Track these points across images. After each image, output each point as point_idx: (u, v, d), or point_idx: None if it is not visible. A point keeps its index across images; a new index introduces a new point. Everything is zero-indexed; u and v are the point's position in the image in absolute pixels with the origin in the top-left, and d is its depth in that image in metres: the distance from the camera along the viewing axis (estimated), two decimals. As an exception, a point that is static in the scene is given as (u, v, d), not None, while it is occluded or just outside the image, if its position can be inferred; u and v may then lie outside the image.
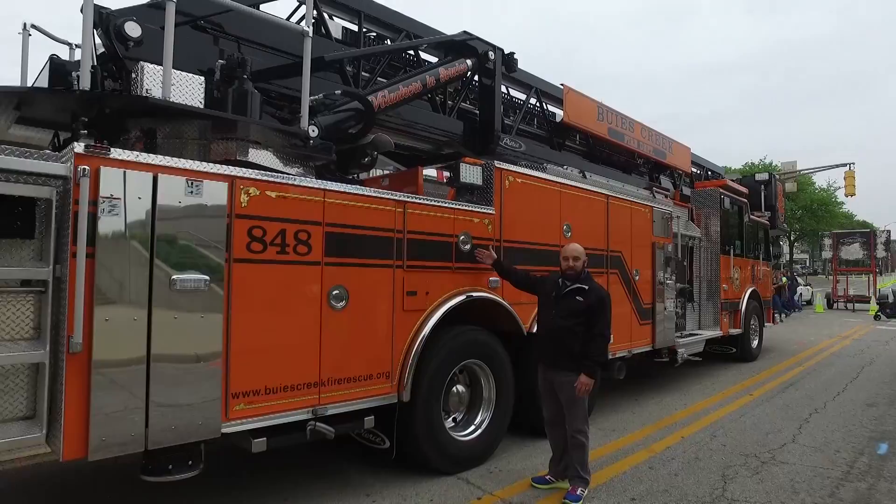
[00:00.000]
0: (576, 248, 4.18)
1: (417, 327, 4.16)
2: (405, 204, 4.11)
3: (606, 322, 3.90)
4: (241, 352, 3.23)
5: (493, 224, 4.75)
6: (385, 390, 3.96)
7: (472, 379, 4.78)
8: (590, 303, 3.90)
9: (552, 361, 4.03)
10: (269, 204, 3.39)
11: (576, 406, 3.93)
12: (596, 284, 4.08)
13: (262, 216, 3.36)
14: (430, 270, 4.27)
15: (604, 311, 3.89)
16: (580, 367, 3.84)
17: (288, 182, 3.50)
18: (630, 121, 7.69)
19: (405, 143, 5.57)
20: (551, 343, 4.03)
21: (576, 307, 3.92)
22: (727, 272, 9.40)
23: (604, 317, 3.88)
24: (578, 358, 3.86)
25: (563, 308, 3.98)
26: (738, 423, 5.94)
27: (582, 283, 4.00)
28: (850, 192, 24.34)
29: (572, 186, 5.68)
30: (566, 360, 3.91)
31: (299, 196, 3.54)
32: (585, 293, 3.95)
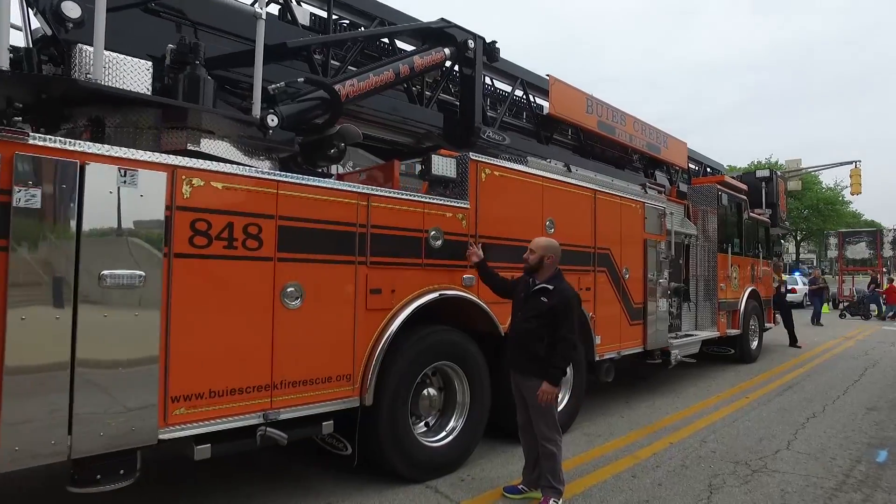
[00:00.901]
0: (536, 240, 3.88)
1: (382, 327, 3.93)
2: (369, 197, 3.88)
3: (571, 325, 3.57)
4: (182, 352, 3.02)
5: (467, 219, 4.52)
6: (346, 394, 3.73)
7: (445, 382, 4.55)
8: (552, 304, 3.60)
9: (518, 366, 3.78)
10: (215, 195, 3.18)
11: (543, 413, 3.66)
12: (563, 284, 3.72)
13: (207, 208, 3.14)
14: (397, 267, 4.04)
15: (568, 312, 3.58)
16: (545, 373, 3.57)
17: (236, 172, 3.28)
18: (621, 114, 7.44)
19: (381, 135, 5.35)
20: (517, 347, 3.78)
21: (540, 308, 3.64)
22: (725, 271, 9.13)
23: (568, 319, 3.56)
24: (542, 362, 3.59)
25: (529, 309, 3.72)
26: (732, 428, 5.68)
27: (547, 283, 3.71)
28: (856, 190, 23.92)
29: (555, 180, 5.43)
30: (531, 365, 3.65)
31: (249, 187, 3.32)
32: (549, 293, 3.65)
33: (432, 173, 4.42)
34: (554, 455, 3.66)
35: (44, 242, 2.59)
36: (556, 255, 3.82)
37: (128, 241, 2.83)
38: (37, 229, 2.57)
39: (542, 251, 3.79)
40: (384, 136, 5.32)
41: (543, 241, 3.86)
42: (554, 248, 3.83)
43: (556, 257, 3.80)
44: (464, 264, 4.48)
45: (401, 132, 5.36)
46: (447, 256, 4.35)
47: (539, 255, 3.78)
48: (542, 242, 3.85)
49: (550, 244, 3.85)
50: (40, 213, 2.58)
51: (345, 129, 4.36)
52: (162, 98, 3.31)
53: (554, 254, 3.80)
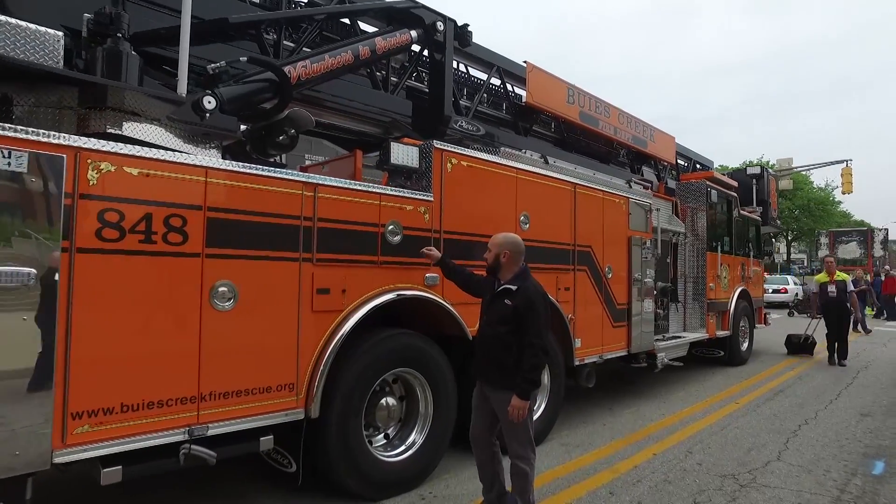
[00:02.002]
0: (495, 236, 3.49)
1: (331, 331, 3.55)
2: (315, 187, 3.50)
3: (537, 328, 3.14)
4: (87, 362, 2.63)
5: (430, 213, 4.15)
6: (288, 405, 3.35)
7: (407, 390, 4.18)
8: (516, 305, 3.19)
9: (485, 376, 3.37)
10: (128, 183, 2.79)
11: (515, 429, 3.24)
12: (528, 283, 3.30)
13: (119, 197, 2.76)
14: (349, 265, 3.66)
15: (533, 314, 3.15)
16: (515, 385, 3.16)
17: (155, 157, 2.89)
18: (606, 105, 7.09)
19: (342, 124, 4.97)
20: (483, 354, 3.37)
21: (504, 311, 3.23)
22: (714, 270, 8.80)
23: (534, 322, 3.14)
24: (511, 373, 3.19)
25: (493, 313, 3.32)
26: (719, 437, 5.33)
27: (510, 283, 3.31)
28: (847, 189, 23.74)
29: (531, 172, 5.07)
30: (499, 375, 3.24)
31: (171, 174, 2.94)
32: (513, 294, 3.24)
33: (391, 163, 4.05)
34: (526, 475, 3.24)
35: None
36: (514, 250, 3.39)
37: (15, 234, 2.44)
38: None
39: (497, 248, 3.39)
40: (345, 124, 4.92)
41: (500, 237, 3.46)
42: (511, 244, 3.41)
43: (513, 253, 3.38)
44: (426, 262, 4.10)
45: (364, 121, 4.97)
46: (407, 253, 3.98)
47: (494, 252, 3.40)
48: (498, 239, 3.45)
49: (507, 239, 3.44)
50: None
51: (295, 114, 3.98)
52: (66, 71, 2.92)
53: (511, 249, 3.38)
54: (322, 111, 4.68)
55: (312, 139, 6.25)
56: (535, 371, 3.14)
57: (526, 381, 3.12)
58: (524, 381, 3.12)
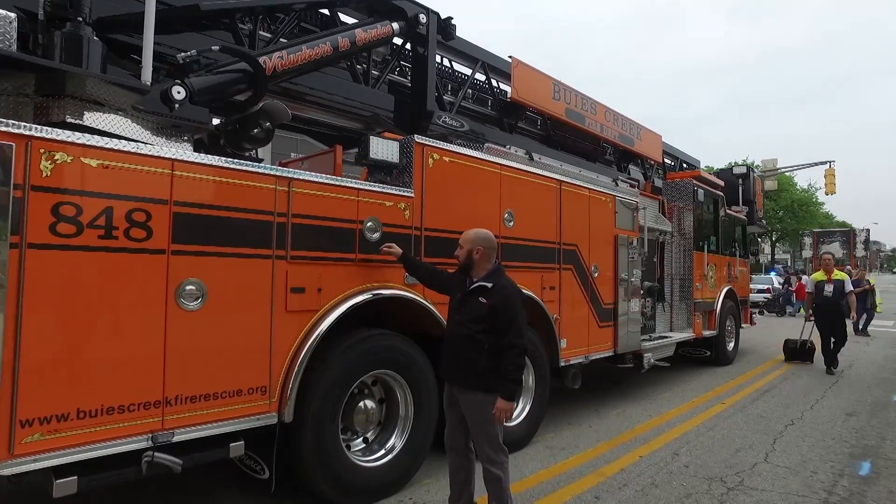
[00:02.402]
0: (466, 233, 3.38)
1: (307, 331, 3.40)
2: (290, 181, 3.35)
3: (517, 328, 3.05)
4: (38, 365, 2.46)
5: (411, 209, 4.02)
6: (260, 409, 3.20)
7: (387, 392, 4.04)
8: (492, 304, 3.07)
9: (454, 377, 3.26)
10: (86, 175, 2.63)
11: (484, 430, 3.14)
12: (504, 281, 3.21)
13: (76, 190, 2.59)
14: (325, 263, 3.51)
15: (510, 313, 3.05)
16: (489, 387, 3.06)
17: (116, 148, 2.73)
18: (592, 102, 7.00)
19: (321, 118, 4.82)
20: (452, 355, 3.24)
21: (478, 311, 3.12)
22: (701, 270, 8.77)
23: (513, 322, 3.04)
24: (484, 373, 3.08)
25: (466, 312, 3.19)
26: (706, 438, 5.26)
27: (485, 281, 3.19)
28: (830, 189, 23.99)
29: (515, 169, 4.95)
30: (470, 377, 3.14)
31: (134, 166, 2.78)
32: (488, 292, 3.12)
33: (370, 157, 3.91)
34: (499, 479, 3.13)
35: None
36: (487, 246, 3.28)
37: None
38: None
39: (468, 244, 3.29)
40: (324, 119, 4.77)
41: (472, 234, 3.35)
42: (483, 240, 3.30)
43: (486, 249, 3.27)
44: (407, 260, 3.97)
45: (344, 115, 4.82)
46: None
47: (466, 249, 3.29)
48: (469, 235, 3.34)
49: (479, 235, 3.32)
50: None
51: (270, 106, 3.83)
52: (19, 55, 2.74)
53: (483, 246, 3.27)
54: (301, 105, 4.53)
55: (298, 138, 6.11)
56: (519, 371, 3.07)
57: (511, 382, 3.05)
58: (509, 381, 3.04)
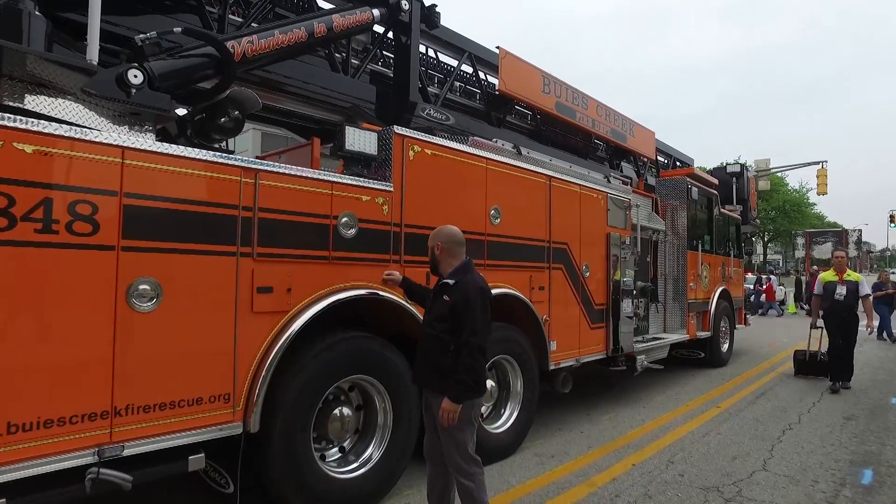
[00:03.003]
0: (436, 230, 3.25)
1: (275, 334, 3.16)
2: (257, 173, 3.11)
3: (473, 325, 2.84)
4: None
5: (390, 204, 3.78)
6: (223, 418, 2.95)
7: (365, 399, 3.81)
8: (453, 302, 2.91)
9: (422, 379, 3.12)
10: (20, 162, 2.38)
11: (452, 438, 2.94)
12: (468, 277, 3.03)
13: (8, 178, 2.34)
14: (295, 261, 3.28)
15: (469, 310, 2.86)
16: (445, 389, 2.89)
17: (55, 133, 2.48)
18: (583, 96, 6.80)
19: (299, 109, 4.58)
20: (421, 357, 3.11)
21: (441, 309, 2.98)
22: (695, 270, 8.59)
23: (470, 318, 2.85)
24: (449, 376, 2.89)
25: (432, 311, 3.08)
26: (702, 445, 5.05)
27: (450, 278, 3.05)
28: (822, 190, 23.96)
29: (502, 163, 4.73)
30: (437, 379, 2.97)
31: (78, 154, 2.53)
32: (450, 290, 2.98)
33: (345, 149, 3.68)
34: (470, 492, 2.91)
35: None
36: (447, 241, 3.14)
37: None
38: None
39: (430, 241, 3.20)
40: (301, 109, 4.53)
41: (434, 231, 3.26)
42: (443, 235, 3.16)
43: (446, 244, 3.13)
44: (385, 258, 3.74)
45: (322, 106, 4.58)
46: (363, 248, 3.61)
47: (429, 246, 3.20)
48: (432, 233, 3.26)
49: (440, 231, 3.20)
50: None
51: (239, 94, 3.58)
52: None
53: (443, 241, 3.13)
54: (276, 95, 4.30)
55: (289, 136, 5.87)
56: (471, 372, 2.84)
57: (459, 384, 2.83)
58: (458, 382, 2.83)
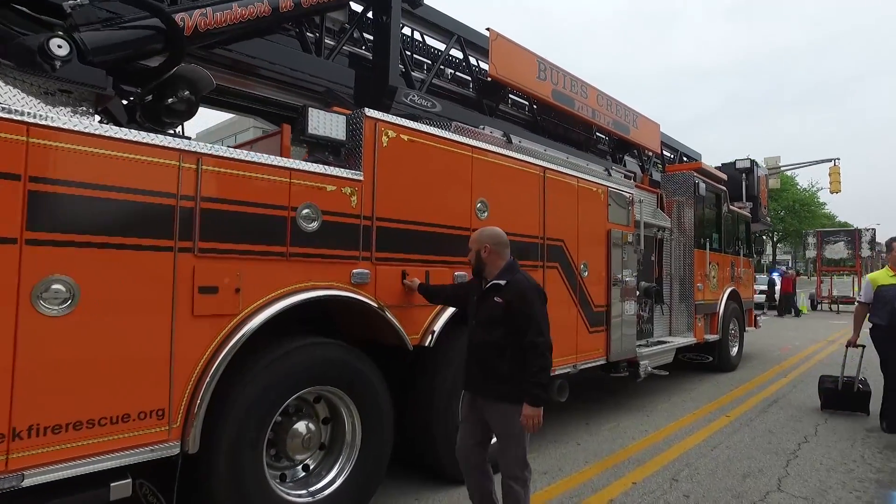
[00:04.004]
0: (473, 234, 3.16)
1: (221, 340, 2.77)
2: (199, 157, 2.73)
3: (538, 325, 2.78)
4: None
5: (359, 195, 3.39)
6: (155, 437, 2.57)
7: (333, 412, 3.42)
8: (508, 301, 2.82)
9: (476, 387, 2.98)
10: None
11: (510, 445, 2.86)
12: (519, 276, 2.96)
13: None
14: (246, 258, 2.89)
15: (529, 309, 2.79)
16: (515, 396, 2.79)
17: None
18: (583, 84, 6.38)
19: (266, 94, 4.20)
20: (474, 363, 2.98)
21: (494, 312, 2.87)
22: (703, 269, 8.13)
23: (533, 318, 2.78)
24: (508, 381, 2.82)
25: (483, 314, 2.94)
26: (709, 460, 4.62)
27: (499, 279, 2.93)
28: (835, 188, 23.32)
29: (490, 152, 4.33)
30: (494, 385, 2.87)
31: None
32: (503, 290, 2.87)
33: (308, 133, 3.29)
34: (519, 498, 2.85)
35: None
36: (495, 242, 3.05)
37: None
38: None
39: (475, 245, 3.08)
40: (270, 94, 4.15)
41: (476, 233, 3.15)
42: (490, 237, 3.06)
43: (494, 246, 3.04)
44: (353, 254, 3.35)
45: (293, 90, 4.18)
46: (327, 244, 3.22)
47: (474, 250, 3.06)
48: (474, 235, 3.15)
49: (485, 233, 3.10)
50: None
51: (188, 71, 3.20)
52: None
53: (490, 242, 3.04)
54: (240, 77, 3.91)
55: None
56: (544, 373, 2.81)
57: (536, 386, 2.76)
58: (534, 385, 2.76)
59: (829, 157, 23.92)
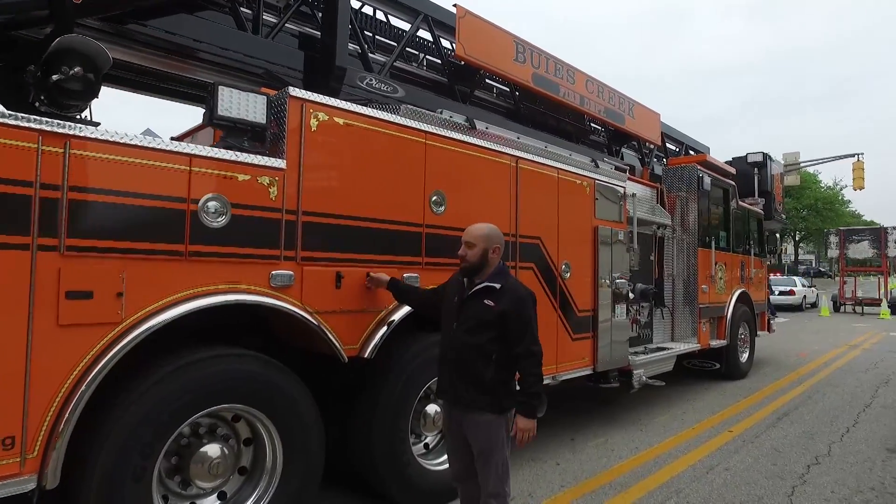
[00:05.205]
0: (475, 228, 2.87)
1: (97, 354, 2.36)
2: (67, 140, 2.33)
3: (534, 334, 2.70)
4: None
5: (280, 186, 2.95)
6: (3, 470, 2.16)
7: (254, 432, 2.99)
8: (503, 308, 2.66)
9: (455, 395, 2.76)
10: None
11: (492, 458, 2.68)
12: (512, 281, 2.86)
13: None
14: (131, 257, 2.47)
15: (524, 316, 2.68)
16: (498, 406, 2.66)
17: None
18: (569, 68, 5.86)
19: (191, 76, 3.80)
20: (454, 369, 2.75)
21: (485, 315, 2.69)
22: (707, 270, 7.54)
23: (529, 326, 2.69)
24: (491, 390, 2.66)
25: (469, 317, 2.74)
26: (704, 484, 4.09)
27: (492, 281, 2.74)
28: (858, 185, 22.29)
29: (448, 138, 3.86)
30: (475, 394, 2.68)
31: None
32: (497, 294, 2.70)
33: (218, 114, 2.87)
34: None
35: None
36: (502, 243, 2.90)
37: None
38: None
39: (483, 242, 2.79)
40: (198, 77, 3.74)
41: (483, 230, 2.85)
42: (500, 236, 2.90)
43: (501, 247, 2.87)
44: (273, 253, 2.92)
45: (223, 72, 3.76)
46: (239, 241, 2.80)
47: (480, 247, 2.78)
48: (481, 231, 2.84)
49: (493, 231, 2.87)
50: None
51: (80, 45, 2.79)
52: None
53: (501, 244, 2.88)
54: (158, 56, 3.51)
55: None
56: (540, 383, 2.72)
57: (534, 397, 2.69)
58: (532, 396, 2.68)
59: (852, 153, 22.89)
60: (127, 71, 3.61)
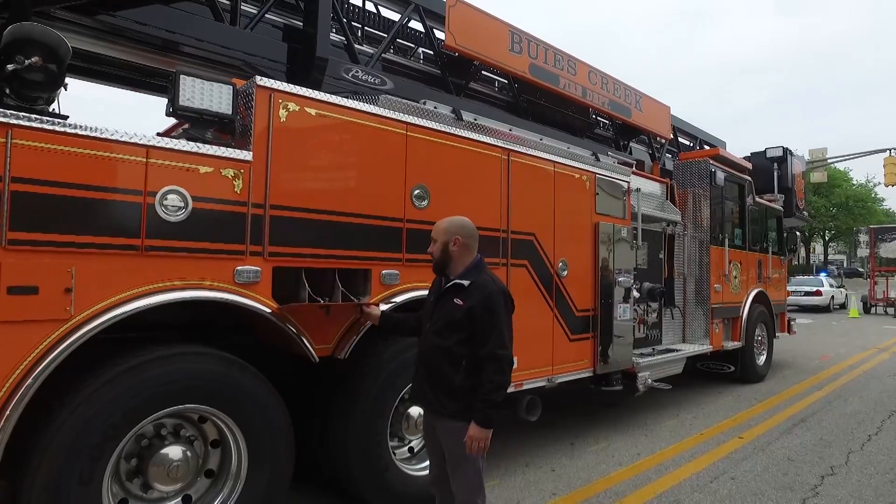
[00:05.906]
0: (439, 223, 2.69)
1: (43, 350, 2.27)
2: (9, 129, 2.24)
3: (501, 336, 2.43)
4: None
5: (245, 179, 2.83)
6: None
7: (221, 433, 2.88)
8: (470, 306, 2.45)
9: (426, 401, 2.63)
10: None
11: (461, 467, 2.52)
12: (485, 277, 2.58)
13: None
14: (82, 251, 2.38)
15: (492, 316, 2.44)
16: (467, 412, 2.43)
17: None
18: (570, 59, 5.65)
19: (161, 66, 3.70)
20: (424, 372, 2.61)
21: (453, 315, 2.49)
22: (721, 268, 7.24)
23: (496, 327, 2.44)
24: (460, 396, 2.47)
25: (439, 318, 2.57)
26: (706, 496, 3.86)
27: (462, 278, 2.55)
28: (890, 181, 21.39)
29: (431, 130, 3.70)
30: (444, 399, 2.51)
31: None
32: (465, 292, 2.50)
33: (180, 104, 2.76)
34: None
35: None
36: (466, 234, 2.63)
37: None
38: None
39: (442, 235, 2.63)
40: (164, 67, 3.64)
41: (444, 223, 2.68)
42: (462, 227, 2.65)
43: (465, 239, 2.62)
44: (238, 248, 2.80)
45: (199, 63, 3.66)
46: (200, 236, 2.69)
47: (441, 241, 2.62)
48: (441, 225, 2.68)
49: (453, 223, 2.66)
50: None
51: (39, 34, 2.71)
52: None
53: (461, 234, 2.62)
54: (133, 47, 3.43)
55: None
56: (500, 391, 2.45)
57: (490, 405, 2.42)
58: (487, 404, 2.41)
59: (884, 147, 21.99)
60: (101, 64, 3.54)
